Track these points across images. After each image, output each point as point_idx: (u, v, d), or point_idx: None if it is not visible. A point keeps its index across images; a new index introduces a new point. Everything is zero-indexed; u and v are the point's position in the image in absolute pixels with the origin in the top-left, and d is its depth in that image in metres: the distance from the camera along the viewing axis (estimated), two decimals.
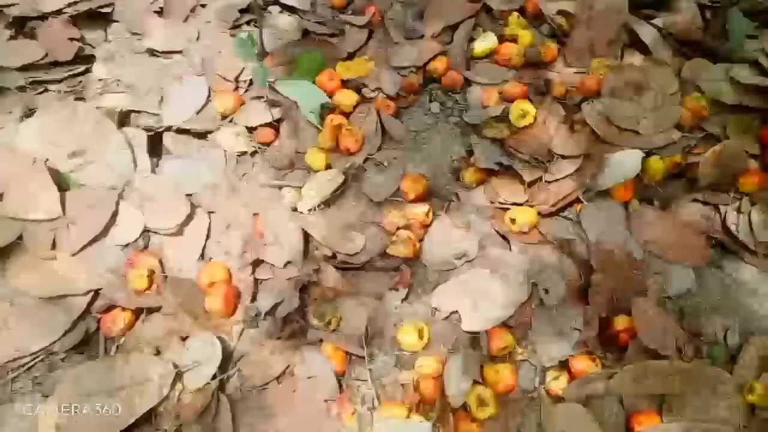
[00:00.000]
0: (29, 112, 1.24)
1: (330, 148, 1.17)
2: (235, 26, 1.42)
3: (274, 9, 1.46)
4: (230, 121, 1.24)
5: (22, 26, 1.40)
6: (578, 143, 1.13)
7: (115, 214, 1.07)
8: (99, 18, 1.42)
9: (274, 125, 1.23)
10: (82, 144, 1.14)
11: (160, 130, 1.20)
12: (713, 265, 1.05)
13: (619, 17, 1.33)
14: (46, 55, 1.34)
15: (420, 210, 1.07)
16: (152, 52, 1.37)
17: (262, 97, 1.27)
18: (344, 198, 1.12)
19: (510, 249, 1.05)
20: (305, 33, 1.40)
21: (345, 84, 1.28)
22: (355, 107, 1.24)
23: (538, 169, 1.12)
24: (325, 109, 1.23)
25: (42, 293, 0.99)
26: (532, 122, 1.18)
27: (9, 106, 1.25)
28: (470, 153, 1.18)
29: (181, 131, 1.22)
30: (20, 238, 1.05)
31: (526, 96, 1.25)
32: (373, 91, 1.28)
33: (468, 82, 1.31)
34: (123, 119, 1.23)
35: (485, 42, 1.33)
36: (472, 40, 1.37)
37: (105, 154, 1.14)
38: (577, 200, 1.09)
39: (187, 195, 1.11)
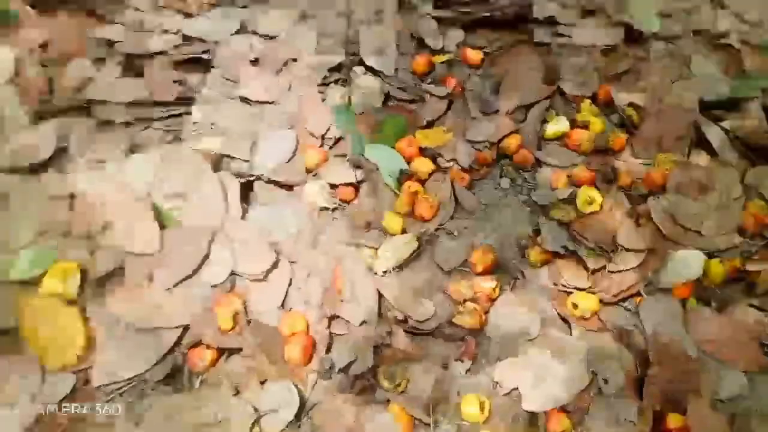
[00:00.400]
0: (134, 148, 1.35)
1: (406, 213, 1.25)
2: (324, 83, 1.52)
3: (358, 69, 1.56)
4: (314, 175, 1.33)
5: (130, 64, 1.52)
6: (643, 238, 1.19)
7: (206, 255, 1.16)
8: (198, 63, 1.54)
9: (355, 185, 1.31)
10: (183, 184, 1.24)
11: (251, 178, 1.30)
12: (766, 372, 1.09)
13: (688, 115, 1.40)
14: (151, 94, 1.46)
15: (488, 285, 1.14)
16: (245, 100, 1.48)
17: (345, 155, 1.36)
18: (416, 263, 1.19)
19: (570, 333, 1.11)
20: (387, 97, 1.50)
21: (422, 152, 1.36)
22: (430, 175, 1.33)
23: (602, 258, 1.18)
24: (404, 175, 1.31)
25: (137, 323, 1.07)
26: (598, 210, 1.25)
27: (116, 140, 1.36)
28: (537, 232, 1.25)
29: (269, 181, 1.31)
30: (121, 267, 1.14)
31: (593, 182, 1.32)
32: (448, 161, 1.36)
33: (538, 162, 1.38)
34: (216, 163, 1.33)
35: (557, 125, 1.41)
36: (544, 121, 1.45)
37: (201, 196, 1.24)
38: (638, 293, 1.15)
39: (272, 243, 1.20)
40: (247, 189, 1.30)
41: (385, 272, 1.16)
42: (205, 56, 1.55)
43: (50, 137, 1.34)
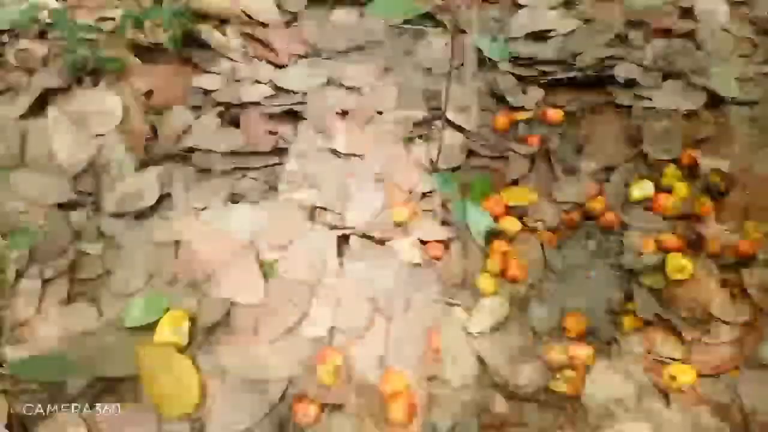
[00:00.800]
0: (233, 197, 1.41)
1: (498, 273, 1.28)
2: (409, 138, 1.57)
3: (440, 124, 1.61)
4: (404, 230, 1.37)
5: (227, 113, 1.59)
6: (739, 310, 1.20)
7: (307, 309, 1.20)
8: (291, 114, 1.61)
9: (445, 242, 1.35)
10: (283, 235, 1.30)
11: (346, 232, 1.34)
12: None
13: None
14: (247, 143, 1.52)
15: (583, 352, 1.15)
16: (335, 153, 1.53)
17: (433, 211, 1.40)
18: (509, 326, 1.22)
19: (668, 405, 1.11)
20: (469, 153, 1.54)
21: (508, 210, 1.40)
22: (516, 234, 1.36)
23: (697, 329, 1.19)
24: (492, 234, 1.34)
25: (245, 375, 1.12)
26: (688, 278, 1.26)
27: (216, 188, 1.42)
28: (628, 298, 1.26)
29: (363, 235, 1.35)
30: (227, 316, 1.19)
31: (681, 248, 1.33)
32: (535, 221, 1.39)
33: (624, 225, 1.40)
34: (312, 215, 1.38)
35: (642, 189, 1.43)
36: (627, 184, 1.47)
37: (301, 248, 1.29)
38: (736, 367, 1.15)
39: (369, 299, 1.23)
40: (341, 242, 1.35)
41: (479, 333, 1.18)
42: (296, 108, 1.61)
43: (154, 184, 1.41)
